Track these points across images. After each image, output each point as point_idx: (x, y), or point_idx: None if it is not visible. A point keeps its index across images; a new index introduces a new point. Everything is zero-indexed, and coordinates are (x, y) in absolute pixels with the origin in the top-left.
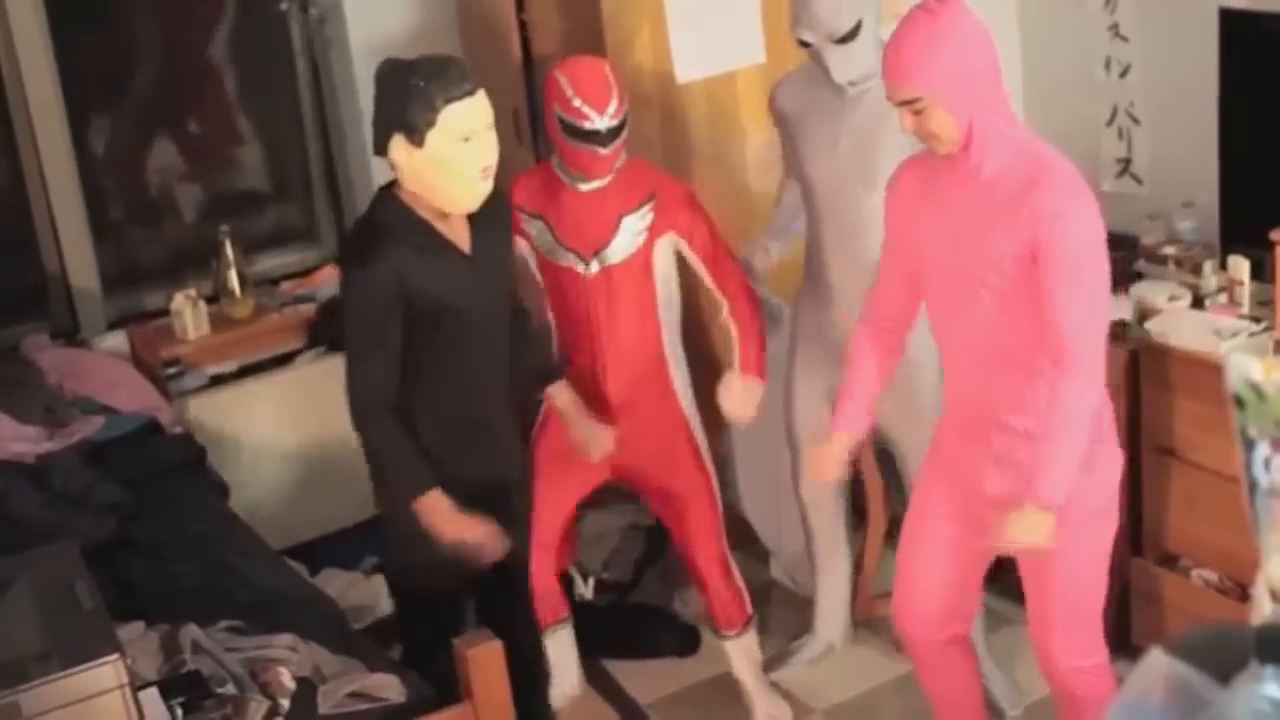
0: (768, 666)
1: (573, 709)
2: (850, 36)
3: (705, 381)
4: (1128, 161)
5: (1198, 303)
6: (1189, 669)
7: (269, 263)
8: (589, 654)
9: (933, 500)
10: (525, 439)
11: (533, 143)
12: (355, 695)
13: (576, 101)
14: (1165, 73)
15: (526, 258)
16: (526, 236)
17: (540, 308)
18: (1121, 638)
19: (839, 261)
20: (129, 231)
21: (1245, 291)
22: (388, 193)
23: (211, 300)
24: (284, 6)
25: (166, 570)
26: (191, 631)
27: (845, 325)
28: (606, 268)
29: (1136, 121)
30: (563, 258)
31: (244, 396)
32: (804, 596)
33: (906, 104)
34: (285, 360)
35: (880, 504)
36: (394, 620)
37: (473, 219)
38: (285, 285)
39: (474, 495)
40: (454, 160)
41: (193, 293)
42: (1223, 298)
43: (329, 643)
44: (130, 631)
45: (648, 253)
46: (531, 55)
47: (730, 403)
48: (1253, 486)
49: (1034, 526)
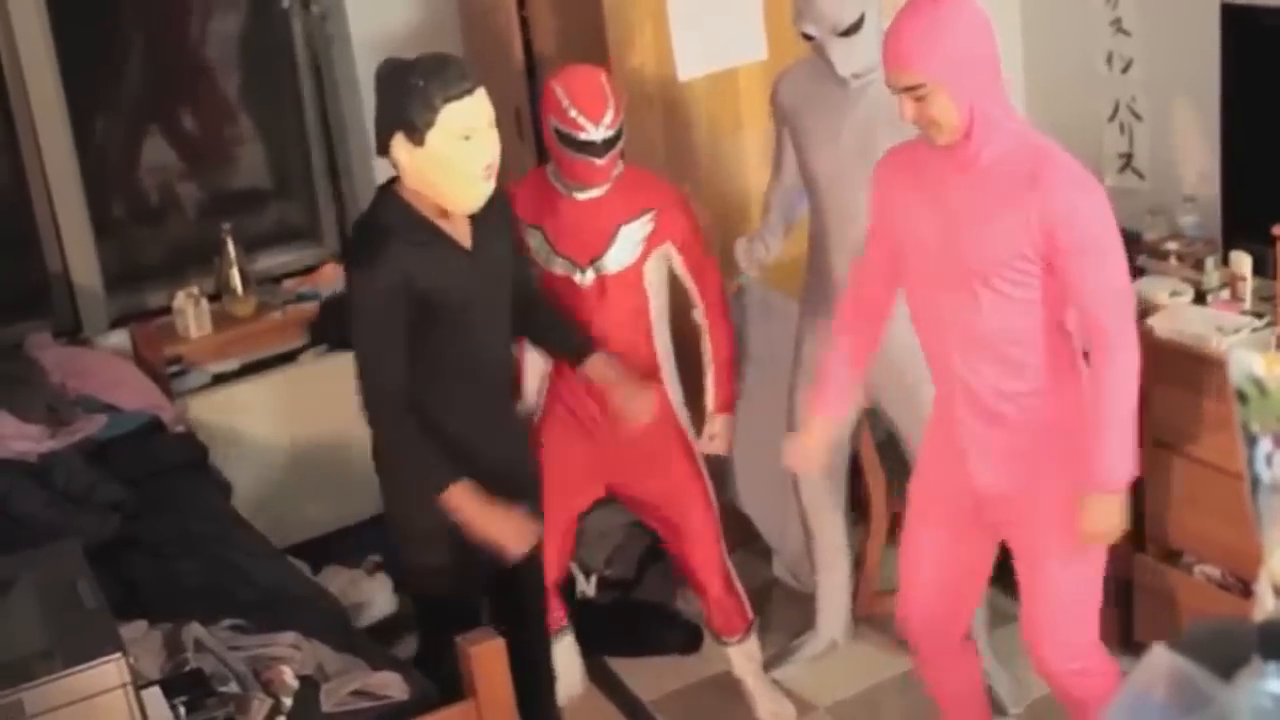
0: (770, 664)
1: (575, 706)
2: (854, 29)
3: (696, 386)
4: (1129, 156)
5: (1200, 298)
6: (1191, 665)
7: (271, 261)
8: (591, 651)
9: (929, 501)
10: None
11: (535, 142)
12: (358, 693)
13: (572, 112)
14: (1167, 68)
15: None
16: (526, 248)
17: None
18: (1124, 634)
19: (842, 254)
20: (131, 230)
21: (1247, 287)
22: (388, 191)
23: (214, 298)
24: (286, 4)
25: (169, 569)
26: (194, 630)
27: None
28: (601, 277)
29: (1138, 117)
30: (559, 266)
31: (246, 395)
32: (806, 594)
33: (908, 90)
34: (288, 358)
35: (882, 499)
36: (400, 619)
37: (473, 215)
38: (287, 283)
39: (497, 488)
40: (455, 159)
41: (195, 291)
42: (1225, 293)
43: (331, 641)
44: (133, 630)
45: (644, 263)
46: (533, 53)
47: (714, 446)
48: (1255, 482)
49: (1105, 513)
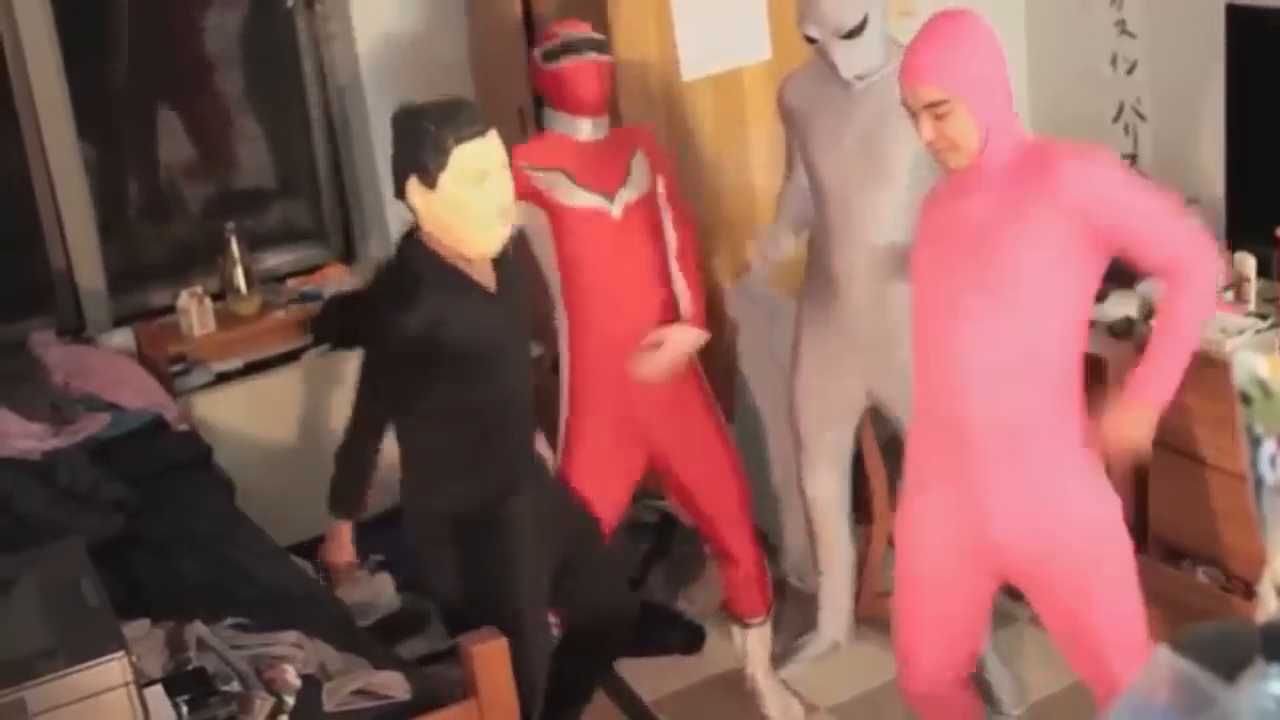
0: (772, 664)
1: None
2: (857, 31)
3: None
4: (1134, 158)
5: None
6: (1194, 667)
7: (275, 260)
8: None
9: (925, 535)
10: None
11: None
12: (360, 693)
13: (552, 30)
14: (1172, 69)
15: (539, 232)
16: (540, 196)
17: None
18: None
19: (844, 255)
20: (135, 228)
21: (1251, 289)
22: (412, 239)
23: (217, 297)
24: (290, 3)
25: (172, 567)
26: (197, 628)
27: (849, 319)
28: (627, 207)
29: (1143, 118)
30: (587, 200)
31: (250, 394)
32: (808, 594)
33: (929, 108)
34: (291, 357)
35: (885, 500)
36: (402, 618)
37: (495, 259)
38: (291, 282)
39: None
40: (468, 202)
41: (199, 290)
42: (1229, 295)
43: (334, 640)
44: (136, 628)
45: (655, 191)
46: None
47: (677, 341)
48: (1258, 483)
49: (1139, 424)
